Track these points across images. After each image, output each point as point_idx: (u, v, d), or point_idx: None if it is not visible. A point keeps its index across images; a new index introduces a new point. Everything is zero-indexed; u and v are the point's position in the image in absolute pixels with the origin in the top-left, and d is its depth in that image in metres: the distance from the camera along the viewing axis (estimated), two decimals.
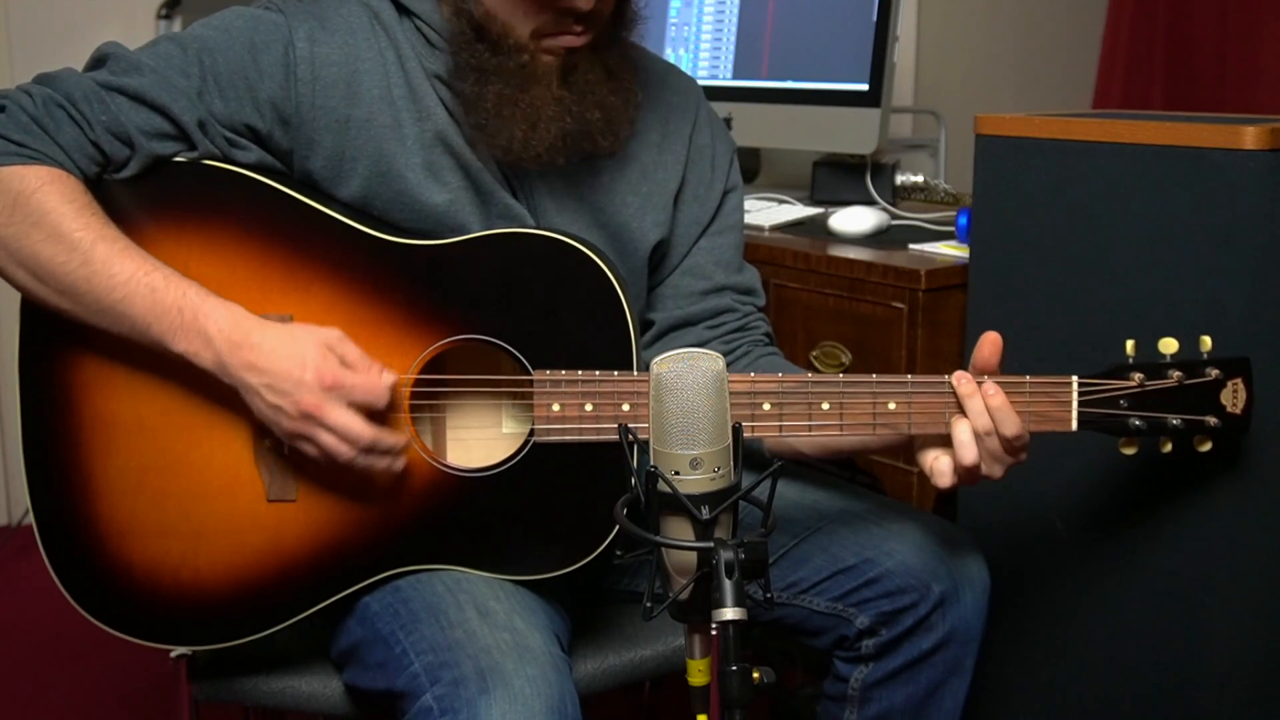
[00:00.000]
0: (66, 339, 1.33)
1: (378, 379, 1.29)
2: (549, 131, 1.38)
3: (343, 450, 1.28)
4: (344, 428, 1.27)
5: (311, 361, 1.26)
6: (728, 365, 1.49)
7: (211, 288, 1.32)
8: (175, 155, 1.35)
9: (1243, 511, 1.49)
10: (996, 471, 1.30)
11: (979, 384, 1.29)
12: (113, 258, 1.28)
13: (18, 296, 1.34)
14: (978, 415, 1.28)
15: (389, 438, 1.30)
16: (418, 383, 1.35)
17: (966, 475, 1.30)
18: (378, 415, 1.30)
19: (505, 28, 1.36)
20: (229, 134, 1.35)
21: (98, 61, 1.37)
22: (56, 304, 1.30)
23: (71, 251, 1.27)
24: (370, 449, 1.29)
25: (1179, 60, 3.22)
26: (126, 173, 1.33)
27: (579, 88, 1.40)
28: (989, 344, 1.30)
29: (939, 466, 1.31)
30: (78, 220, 1.28)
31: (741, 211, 1.62)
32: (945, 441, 1.31)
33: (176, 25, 3.09)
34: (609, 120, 1.42)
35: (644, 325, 1.56)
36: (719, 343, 1.54)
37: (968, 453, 1.28)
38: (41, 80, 1.34)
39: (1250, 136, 1.41)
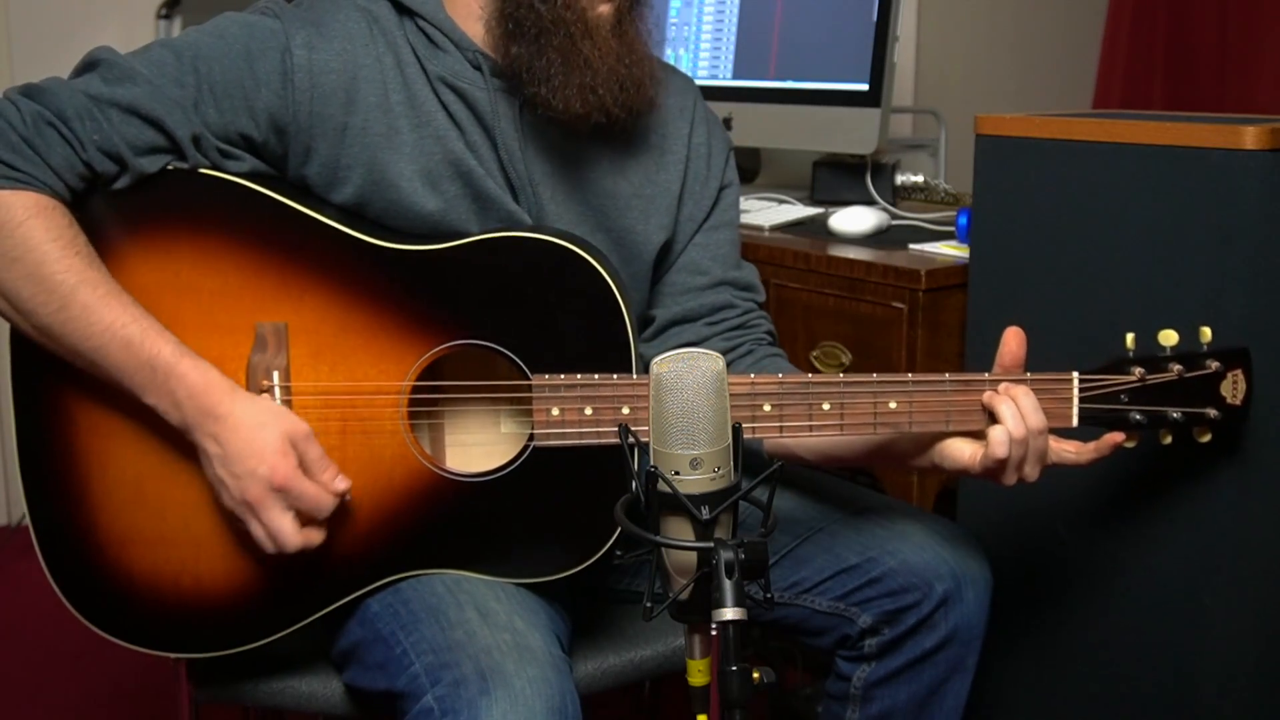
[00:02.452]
0: None
1: (327, 491, 1.29)
2: (611, 83, 1.38)
3: (267, 545, 1.29)
4: (276, 531, 1.28)
5: (270, 456, 1.26)
6: (730, 363, 1.50)
7: (205, 297, 1.31)
8: (165, 167, 1.33)
9: (1243, 512, 1.49)
10: (1012, 478, 1.31)
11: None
12: (91, 306, 1.26)
13: None
14: (1014, 420, 1.28)
15: (315, 540, 1.30)
16: (415, 389, 1.35)
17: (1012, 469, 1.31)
18: None
19: None
20: (222, 145, 1.34)
21: (88, 66, 1.33)
22: (33, 337, 1.30)
23: (50, 294, 1.26)
24: (292, 554, 1.30)
25: (1179, 60, 3.22)
26: (115, 187, 1.32)
27: (627, 39, 1.41)
28: (1015, 339, 1.31)
29: (995, 435, 1.29)
30: (60, 262, 1.26)
31: (738, 209, 1.61)
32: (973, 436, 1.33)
33: (176, 25, 3.09)
34: (653, 71, 1.44)
35: (645, 322, 1.55)
36: (719, 339, 1.54)
37: (1001, 449, 1.28)
38: (30, 93, 1.30)
39: (1250, 136, 1.41)
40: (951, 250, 1.93)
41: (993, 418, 1.30)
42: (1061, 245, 1.59)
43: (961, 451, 1.33)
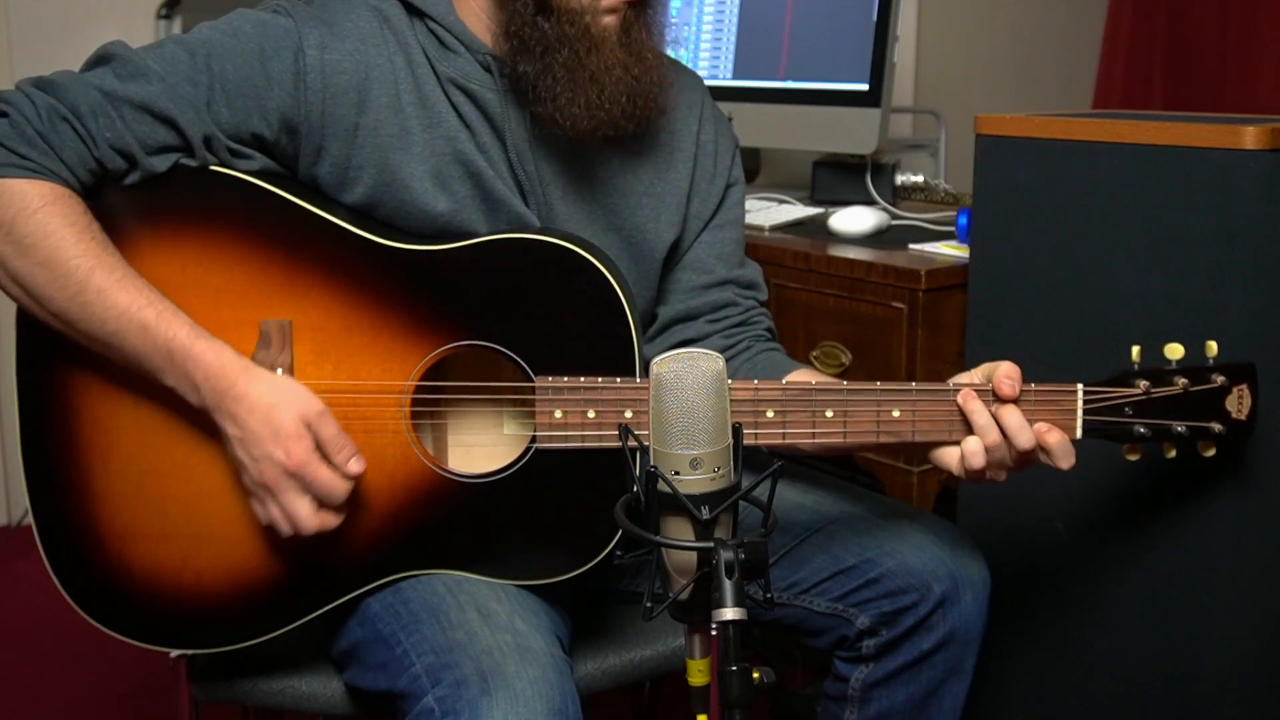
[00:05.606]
0: (65, 343, 1.32)
1: (341, 474, 1.28)
2: (618, 94, 1.38)
3: (283, 528, 1.29)
4: (292, 514, 1.28)
5: (285, 437, 1.26)
6: (729, 359, 1.50)
7: (209, 293, 1.31)
8: (174, 165, 1.33)
9: (1243, 513, 1.49)
10: (1000, 476, 1.31)
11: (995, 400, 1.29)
12: (107, 289, 1.26)
13: None
14: (986, 430, 1.28)
15: (332, 523, 1.30)
16: (419, 389, 1.35)
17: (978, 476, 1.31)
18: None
19: None
20: (233, 144, 1.34)
21: (101, 60, 1.33)
22: (48, 323, 1.30)
23: (67, 279, 1.26)
24: (307, 534, 1.29)
25: (1179, 60, 3.22)
26: (123, 183, 1.32)
27: (635, 49, 1.40)
28: (1006, 384, 1.29)
29: (969, 447, 1.29)
30: (77, 247, 1.26)
31: (743, 207, 1.62)
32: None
33: (176, 25, 3.09)
34: (662, 79, 1.43)
35: (648, 319, 1.56)
36: (720, 336, 1.54)
37: (977, 460, 1.28)
38: (44, 86, 1.30)
39: (1250, 136, 1.41)
40: (951, 250, 1.94)
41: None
42: (1061, 245, 1.59)
43: (951, 456, 1.33)
